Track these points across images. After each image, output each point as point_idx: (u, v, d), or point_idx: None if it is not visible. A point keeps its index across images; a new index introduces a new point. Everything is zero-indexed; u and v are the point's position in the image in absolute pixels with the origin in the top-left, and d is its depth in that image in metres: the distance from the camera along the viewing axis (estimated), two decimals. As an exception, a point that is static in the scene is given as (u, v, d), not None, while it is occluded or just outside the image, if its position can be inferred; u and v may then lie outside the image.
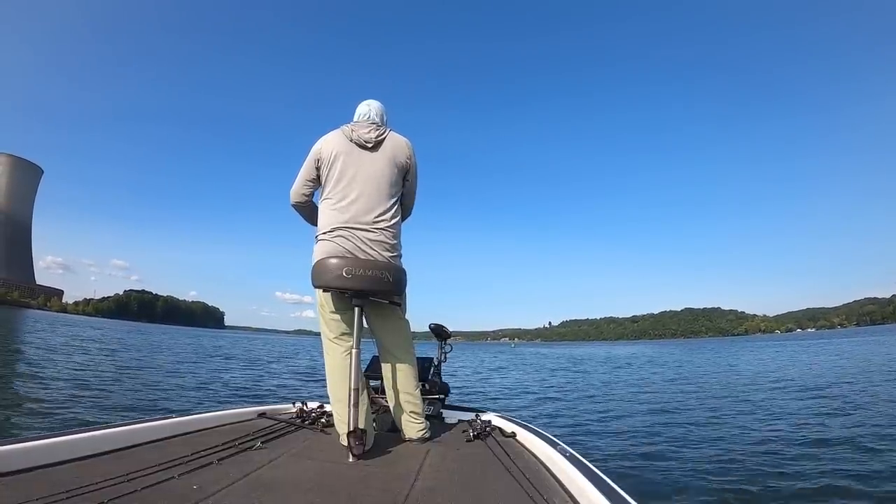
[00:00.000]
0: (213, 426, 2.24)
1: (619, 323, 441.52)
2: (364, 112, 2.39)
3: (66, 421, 6.00)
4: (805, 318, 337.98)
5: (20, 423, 5.86)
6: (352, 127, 2.27)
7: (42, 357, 13.64)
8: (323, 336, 2.20)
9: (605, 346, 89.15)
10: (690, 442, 6.04)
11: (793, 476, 4.50)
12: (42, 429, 5.49)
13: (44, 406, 6.81)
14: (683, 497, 4.09)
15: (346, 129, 2.27)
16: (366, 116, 2.37)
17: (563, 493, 1.46)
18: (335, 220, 2.13)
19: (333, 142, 2.23)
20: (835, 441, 5.73)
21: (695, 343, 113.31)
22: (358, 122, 2.34)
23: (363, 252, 2.09)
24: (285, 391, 10.92)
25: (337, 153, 2.20)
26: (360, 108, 2.42)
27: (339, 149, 2.20)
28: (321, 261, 2.01)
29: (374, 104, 2.43)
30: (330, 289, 2.04)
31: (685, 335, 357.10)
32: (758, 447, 5.60)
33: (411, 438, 2.19)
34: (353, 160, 2.20)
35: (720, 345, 68.29)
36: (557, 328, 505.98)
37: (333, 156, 2.19)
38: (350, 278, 1.93)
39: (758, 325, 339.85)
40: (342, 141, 2.22)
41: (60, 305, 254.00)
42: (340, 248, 2.08)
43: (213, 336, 66.70)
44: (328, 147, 2.21)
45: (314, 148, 2.25)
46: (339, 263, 1.96)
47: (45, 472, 1.44)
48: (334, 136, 2.25)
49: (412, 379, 2.26)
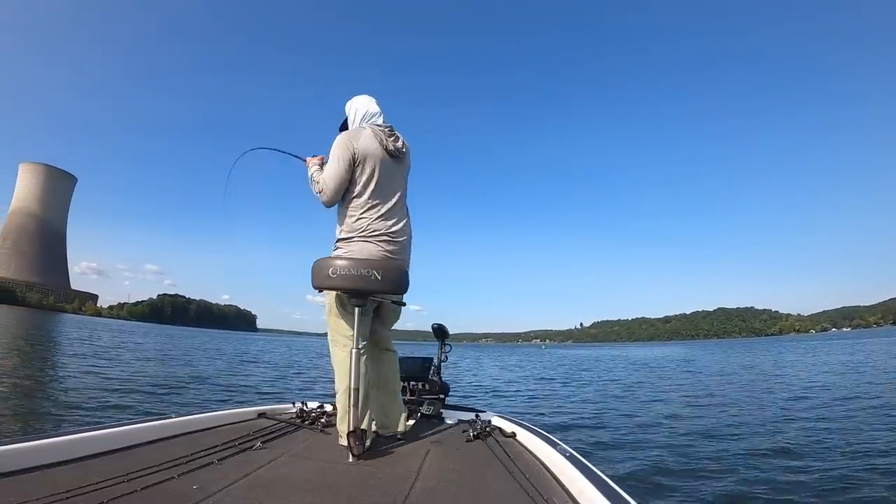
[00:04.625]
0: (213, 426, 2.25)
1: (650, 323, 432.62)
2: (375, 111, 2.35)
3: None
4: (840, 316, 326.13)
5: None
6: (382, 131, 2.24)
7: (68, 357, 13.77)
8: (339, 336, 2.18)
9: (633, 348, 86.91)
10: (706, 445, 5.78)
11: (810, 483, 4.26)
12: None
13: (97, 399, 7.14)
14: (684, 497, 3.98)
15: (377, 131, 2.23)
16: (380, 117, 2.35)
17: (563, 493, 1.47)
18: (365, 225, 2.14)
19: (369, 144, 2.18)
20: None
21: (727, 344, 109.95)
22: (380, 125, 2.29)
23: (390, 259, 2.15)
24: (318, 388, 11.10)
25: (372, 157, 2.17)
26: (368, 105, 2.36)
27: (373, 153, 2.18)
28: (353, 262, 2.01)
29: (375, 102, 2.39)
30: (364, 292, 2.01)
31: (718, 335, 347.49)
32: (778, 453, 5.32)
33: (402, 433, 2.23)
34: (384, 168, 2.20)
35: (753, 346, 66.69)
36: (588, 329, 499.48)
37: (368, 159, 2.16)
38: (379, 281, 1.95)
39: (792, 325, 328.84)
40: (376, 145, 2.19)
41: (95, 310, 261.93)
42: (376, 254, 2.11)
43: (242, 339, 66.70)
44: (363, 149, 2.16)
45: (350, 146, 2.16)
46: (373, 265, 1.98)
47: (45, 472, 1.44)
48: (368, 137, 2.19)
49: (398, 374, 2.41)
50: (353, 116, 2.35)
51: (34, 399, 7.09)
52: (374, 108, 2.34)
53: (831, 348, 36.42)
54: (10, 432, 5.18)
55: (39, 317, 69.42)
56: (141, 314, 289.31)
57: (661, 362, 27.01)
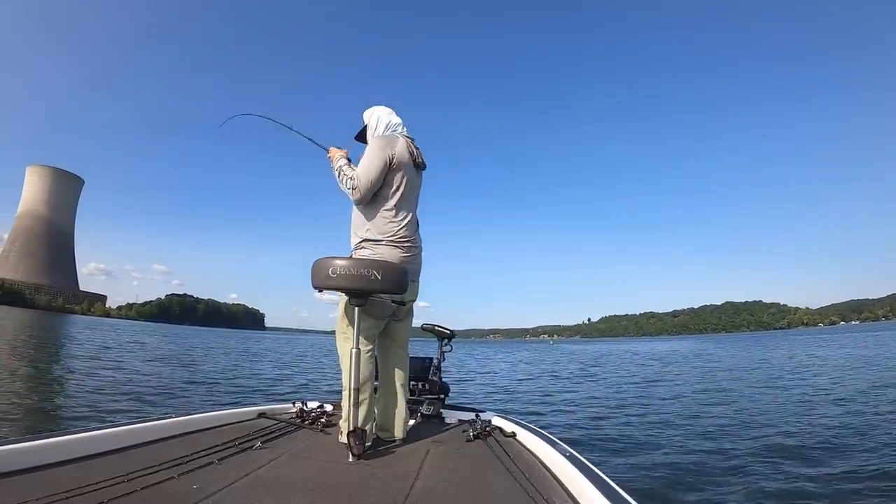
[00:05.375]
0: (213, 426, 2.25)
1: (658, 318, 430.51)
2: (398, 122, 2.38)
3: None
4: (848, 309, 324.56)
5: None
6: (412, 142, 2.32)
7: (85, 357, 13.81)
8: (346, 337, 2.19)
9: (642, 343, 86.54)
10: (707, 443, 5.69)
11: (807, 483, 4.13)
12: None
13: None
14: (684, 497, 3.93)
15: (409, 142, 2.30)
16: (402, 128, 2.38)
17: (563, 493, 1.47)
18: (395, 230, 2.18)
19: (403, 153, 2.24)
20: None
21: (736, 338, 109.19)
22: (408, 136, 2.35)
23: (412, 265, 2.23)
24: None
25: (405, 166, 2.23)
26: (390, 116, 2.38)
27: (406, 161, 2.24)
28: (395, 265, 2.07)
29: (395, 112, 2.41)
30: (364, 292, 2.02)
31: (726, 329, 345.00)
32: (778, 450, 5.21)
33: (399, 437, 2.23)
34: (411, 178, 2.27)
35: (763, 339, 65.66)
36: (597, 324, 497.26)
37: (401, 167, 2.22)
38: (380, 281, 1.96)
39: (800, 319, 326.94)
40: (408, 155, 2.25)
41: (103, 310, 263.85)
42: (405, 258, 2.18)
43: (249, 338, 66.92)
44: (399, 156, 2.21)
45: (388, 152, 2.19)
46: (375, 265, 1.99)
47: (45, 472, 1.45)
48: (403, 146, 2.25)
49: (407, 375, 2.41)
50: (374, 124, 2.35)
51: (36, 399, 7.08)
52: (396, 119, 2.37)
53: (845, 341, 35.93)
54: (10, 432, 5.17)
55: (48, 318, 69.95)
56: (149, 314, 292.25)
57: (673, 357, 26.66)
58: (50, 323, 48.37)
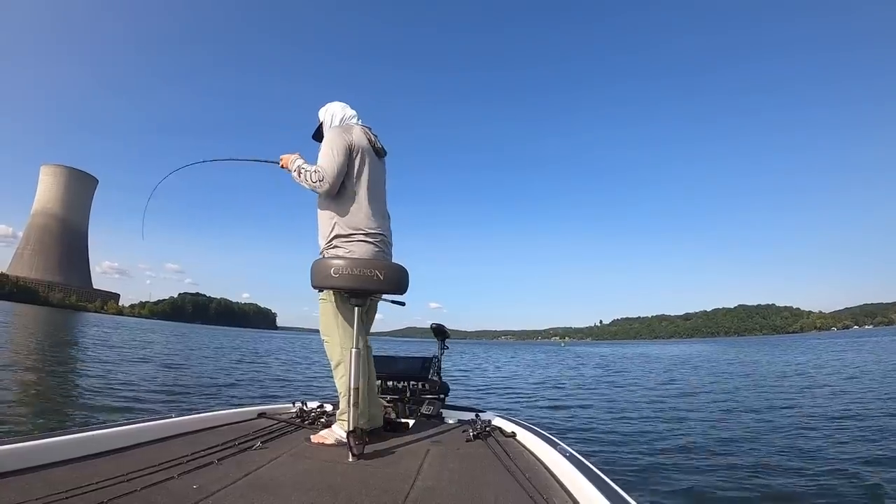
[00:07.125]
0: (213, 426, 2.26)
1: (670, 321, 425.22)
2: (352, 113, 2.37)
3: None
4: (861, 313, 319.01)
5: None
6: (369, 129, 2.29)
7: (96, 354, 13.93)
8: (335, 340, 2.19)
9: (654, 346, 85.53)
10: (708, 444, 5.68)
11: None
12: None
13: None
14: (684, 497, 3.91)
15: (365, 129, 2.27)
16: (357, 119, 2.36)
17: (563, 493, 1.47)
18: (364, 223, 2.13)
19: (361, 139, 2.21)
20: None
21: (749, 342, 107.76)
22: (361, 125, 2.32)
23: (385, 257, 2.19)
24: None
25: (365, 152, 2.19)
26: (344, 109, 2.37)
27: (366, 148, 2.21)
28: (396, 265, 2.08)
29: (349, 106, 2.40)
30: (369, 292, 2.02)
31: (739, 333, 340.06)
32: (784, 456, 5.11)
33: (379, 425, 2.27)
34: (374, 166, 2.23)
35: (778, 343, 65.02)
36: (608, 326, 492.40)
37: (361, 154, 2.18)
38: (381, 281, 1.95)
39: (813, 322, 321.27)
40: (366, 142, 2.22)
41: (117, 308, 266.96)
42: (378, 253, 2.14)
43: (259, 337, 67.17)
44: (358, 143, 2.18)
45: (346, 138, 2.16)
46: (375, 265, 1.98)
47: (44, 472, 1.44)
48: (359, 133, 2.22)
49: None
50: (329, 119, 2.33)
51: (39, 399, 7.07)
52: (350, 111, 2.35)
53: (861, 346, 35.20)
54: (10, 432, 5.13)
55: (61, 315, 70.78)
56: (162, 313, 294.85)
57: (688, 361, 26.07)
58: (62, 320, 48.89)
